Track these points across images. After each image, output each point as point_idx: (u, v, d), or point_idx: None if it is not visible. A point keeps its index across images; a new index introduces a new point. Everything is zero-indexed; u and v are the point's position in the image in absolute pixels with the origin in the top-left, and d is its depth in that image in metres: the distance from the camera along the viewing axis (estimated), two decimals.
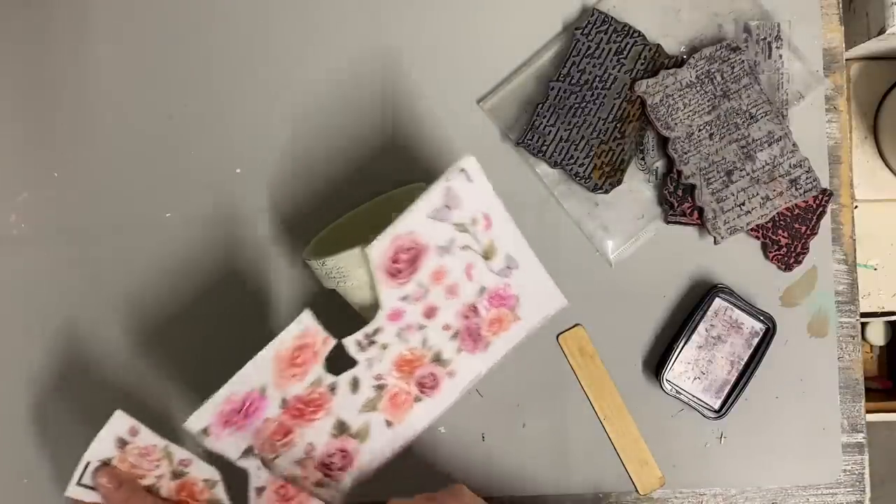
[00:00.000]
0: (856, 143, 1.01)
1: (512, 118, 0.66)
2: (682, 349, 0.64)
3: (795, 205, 0.65)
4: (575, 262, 0.66)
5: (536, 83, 0.67)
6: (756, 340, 0.64)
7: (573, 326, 0.66)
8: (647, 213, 0.66)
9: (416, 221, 0.52)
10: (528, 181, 0.66)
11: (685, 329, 0.64)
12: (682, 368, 0.64)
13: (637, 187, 0.66)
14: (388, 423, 0.58)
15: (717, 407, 0.64)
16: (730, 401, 0.64)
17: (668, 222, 0.66)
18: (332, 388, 0.55)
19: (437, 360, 0.57)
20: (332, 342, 0.54)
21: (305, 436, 0.55)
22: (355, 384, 0.56)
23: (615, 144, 0.65)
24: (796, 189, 0.64)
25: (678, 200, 0.65)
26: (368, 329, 0.54)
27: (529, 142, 0.65)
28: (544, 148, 0.65)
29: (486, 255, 0.55)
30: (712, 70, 0.64)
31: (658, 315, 0.66)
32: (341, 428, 0.56)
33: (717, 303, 0.64)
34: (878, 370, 1.26)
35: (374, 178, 0.66)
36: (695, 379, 0.64)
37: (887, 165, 1.01)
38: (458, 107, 0.67)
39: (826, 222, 0.66)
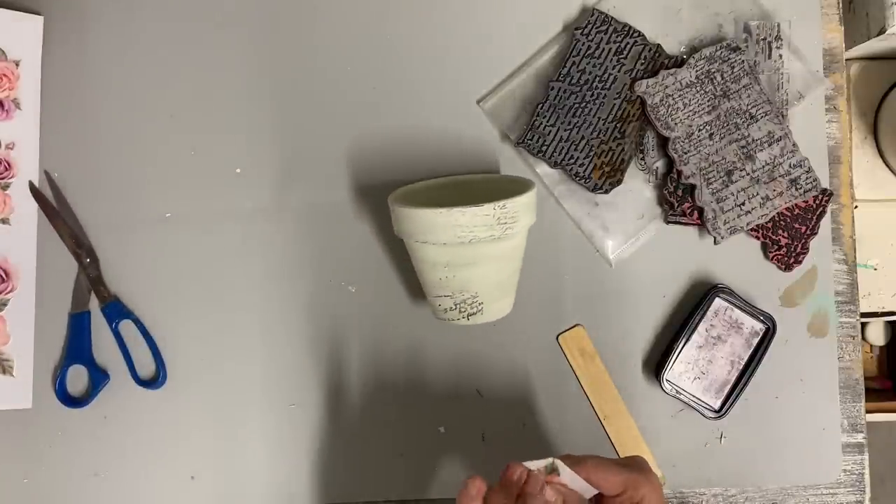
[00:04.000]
0: (856, 143, 1.01)
1: (512, 118, 0.66)
2: (682, 349, 0.64)
3: (795, 205, 0.65)
4: (575, 262, 0.66)
5: (536, 83, 0.66)
6: (756, 340, 0.64)
7: (573, 326, 0.65)
8: (647, 213, 0.66)
9: None
10: None
11: (685, 329, 0.64)
12: (682, 368, 0.64)
13: (637, 187, 0.66)
14: None
15: (717, 407, 0.64)
16: (730, 401, 0.64)
17: (668, 222, 0.66)
18: None
19: None
20: None
21: None
22: None
23: (615, 144, 0.65)
24: (796, 189, 0.64)
25: (678, 200, 0.65)
26: None
27: (529, 142, 0.65)
28: (544, 148, 0.64)
29: None
30: (712, 70, 0.64)
31: (658, 315, 0.66)
32: None
33: (717, 303, 0.64)
34: (878, 370, 1.26)
35: (373, 178, 0.66)
36: (695, 379, 0.64)
37: (887, 165, 1.01)
38: (458, 107, 0.67)
39: (826, 222, 0.66)
